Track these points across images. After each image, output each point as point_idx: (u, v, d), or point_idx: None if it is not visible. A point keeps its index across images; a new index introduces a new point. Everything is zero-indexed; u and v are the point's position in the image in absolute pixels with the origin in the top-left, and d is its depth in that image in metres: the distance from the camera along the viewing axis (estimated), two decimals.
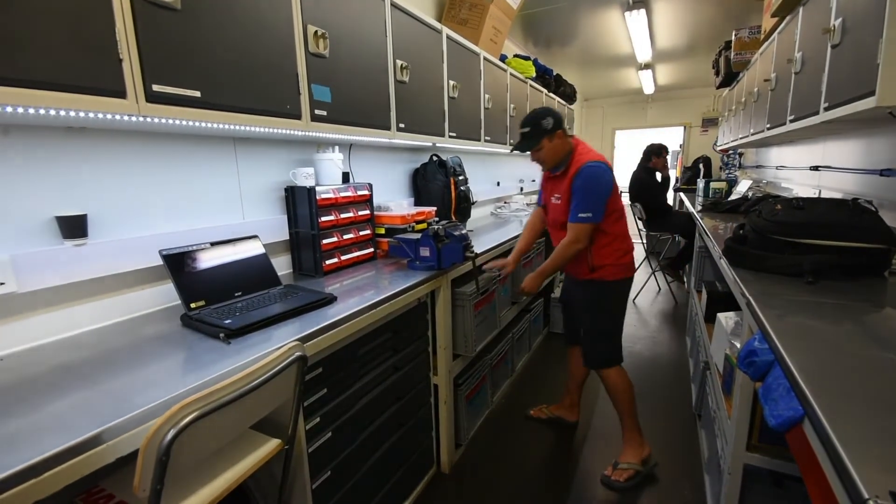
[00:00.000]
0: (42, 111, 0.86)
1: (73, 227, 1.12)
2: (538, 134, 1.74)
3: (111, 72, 0.91)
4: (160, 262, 1.22)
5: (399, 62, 1.85)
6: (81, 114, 0.92)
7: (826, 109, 1.58)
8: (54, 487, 0.64)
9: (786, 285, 1.25)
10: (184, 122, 1.12)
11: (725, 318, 1.60)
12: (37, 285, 1.07)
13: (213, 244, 1.35)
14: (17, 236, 1.05)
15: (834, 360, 0.82)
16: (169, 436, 0.67)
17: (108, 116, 0.98)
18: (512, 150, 1.94)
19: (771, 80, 2.40)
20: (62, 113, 0.90)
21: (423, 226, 2.01)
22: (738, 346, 1.41)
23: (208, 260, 1.31)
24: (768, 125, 2.46)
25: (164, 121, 1.07)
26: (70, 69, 0.86)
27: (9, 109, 0.82)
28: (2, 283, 1.00)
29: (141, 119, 1.01)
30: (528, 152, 1.82)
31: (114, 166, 1.23)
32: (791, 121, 2.00)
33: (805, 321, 1.01)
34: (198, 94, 1.07)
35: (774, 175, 3.68)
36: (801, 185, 2.93)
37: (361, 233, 1.85)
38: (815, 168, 2.58)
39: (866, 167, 1.97)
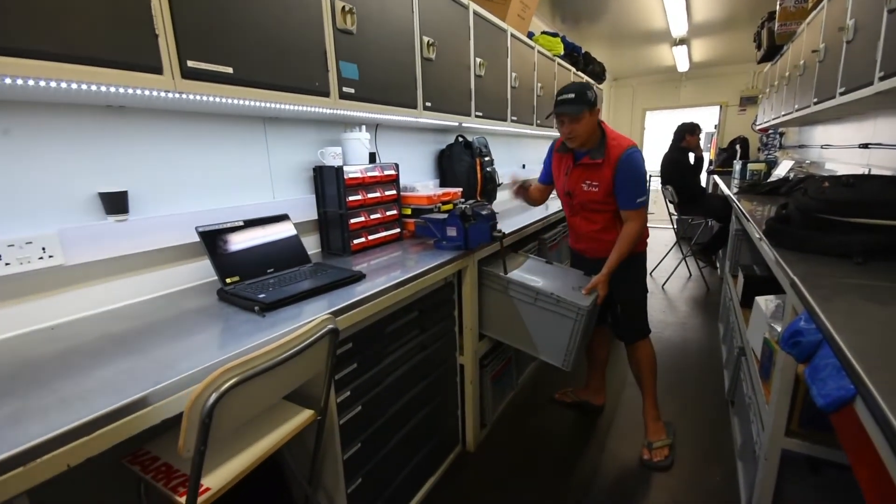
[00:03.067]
0: (84, 86, 0.88)
1: (115, 204, 1.16)
2: (582, 102, 1.66)
3: (148, 47, 0.93)
4: (196, 238, 1.25)
5: (426, 39, 1.82)
6: (121, 90, 0.95)
7: (882, 79, 1.47)
8: (105, 445, 0.67)
9: (833, 266, 1.19)
10: (216, 100, 1.13)
11: (765, 301, 1.54)
12: (83, 259, 1.11)
13: (246, 222, 1.38)
14: (63, 211, 1.09)
15: (887, 340, 0.77)
16: (211, 399, 0.69)
17: (146, 93, 1.00)
18: (548, 116, 1.85)
19: (819, 51, 2.25)
20: (102, 89, 0.92)
21: (450, 206, 2.00)
22: (779, 329, 1.36)
23: (242, 238, 1.34)
24: (815, 100, 2.31)
25: (197, 97, 1.09)
26: (109, 45, 0.88)
27: (52, 84, 0.85)
28: (50, 256, 1.05)
29: (176, 95, 1.03)
30: (559, 126, 1.74)
31: (151, 145, 1.26)
32: (841, 93, 1.87)
33: (855, 302, 0.96)
34: (230, 70, 1.08)
35: (819, 155, 3.48)
36: (847, 165, 2.76)
37: (388, 213, 1.85)
38: (865, 146, 2.43)
39: None
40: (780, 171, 3.57)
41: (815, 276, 1.10)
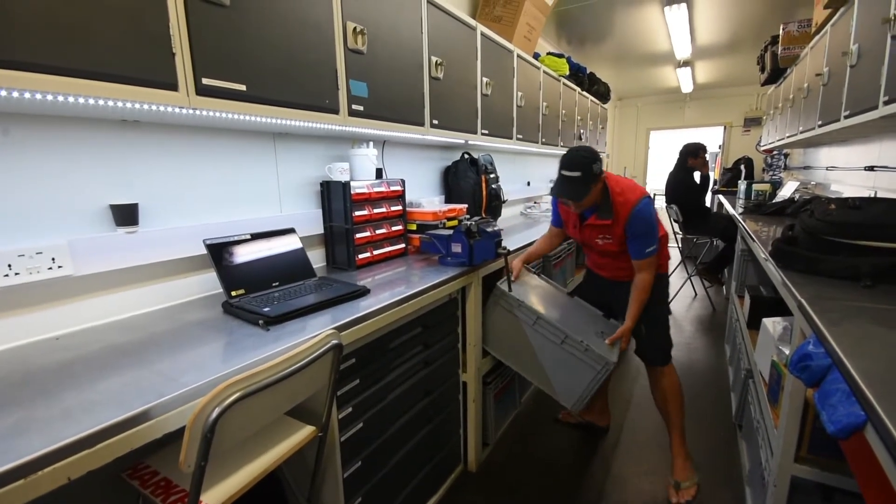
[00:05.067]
0: (101, 102, 0.91)
1: (126, 216, 1.18)
2: (588, 180, 1.57)
3: (165, 65, 0.96)
4: (203, 251, 1.26)
5: (434, 58, 1.85)
6: (137, 105, 0.97)
7: (886, 104, 1.49)
8: (107, 458, 0.67)
9: (841, 289, 1.18)
10: (229, 116, 1.16)
11: (772, 324, 1.52)
12: (91, 269, 1.12)
13: (253, 236, 1.39)
14: (75, 222, 1.11)
15: None
16: (214, 414, 0.69)
17: (161, 108, 1.02)
18: (556, 194, 1.67)
19: (823, 75, 2.27)
20: (119, 104, 0.94)
21: (455, 223, 2.01)
22: (787, 352, 1.34)
23: (248, 251, 1.35)
24: (820, 122, 2.33)
25: (211, 114, 1.11)
26: (127, 62, 0.90)
27: (70, 99, 0.87)
28: (60, 267, 1.07)
29: (190, 112, 1.05)
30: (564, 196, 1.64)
31: (163, 159, 1.28)
32: (846, 117, 1.88)
33: (864, 326, 0.95)
34: (243, 87, 1.11)
35: (824, 176, 3.48)
36: (853, 187, 2.76)
37: (394, 228, 1.86)
38: (871, 168, 2.43)
39: None
40: (785, 192, 3.57)
41: (823, 298, 1.09)
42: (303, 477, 1.18)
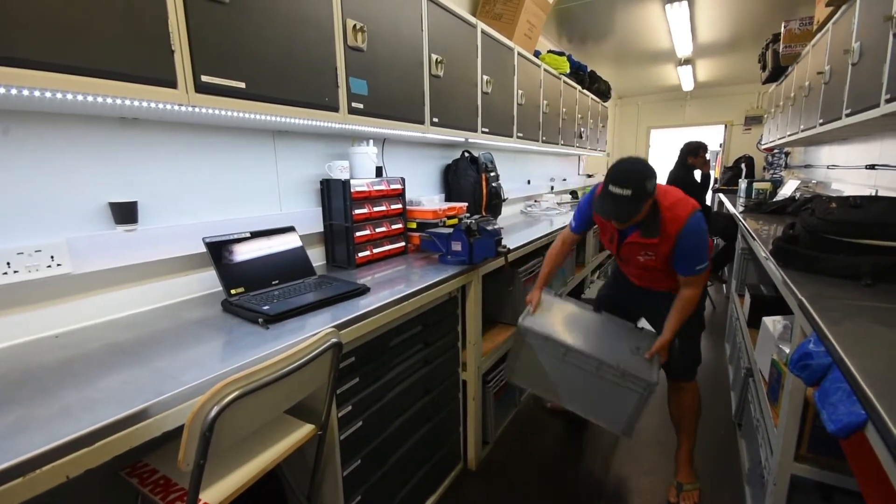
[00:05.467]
0: (100, 99, 0.90)
1: (125, 214, 1.17)
2: (641, 199, 1.38)
3: (164, 62, 0.95)
4: (203, 249, 1.26)
5: (434, 56, 1.85)
6: (136, 103, 0.97)
7: (888, 101, 1.48)
8: (105, 457, 0.67)
9: (841, 288, 1.18)
10: (228, 113, 1.15)
11: (773, 322, 1.52)
12: (90, 267, 1.12)
13: (252, 234, 1.39)
14: (74, 220, 1.11)
15: None
16: (213, 412, 0.69)
17: (160, 106, 1.01)
18: (603, 214, 1.48)
19: (825, 73, 2.26)
20: (118, 101, 0.94)
21: (455, 221, 2.01)
22: (787, 351, 1.34)
23: (248, 249, 1.35)
24: (821, 120, 2.32)
25: (210, 111, 1.11)
26: (126, 60, 0.90)
27: (69, 97, 0.87)
28: (59, 265, 1.06)
29: (190, 109, 1.05)
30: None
31: (162, 157, 1.28)
32: (847, 115, 1.88)
33: (865, 324, 0.94)
34: (243, 85, 1.10)
35: (825, 175, 3.47)
36: (854, 185, 2.75)
37: (393, 226, 1.86)
38: (872, 167, 2.42)
39: None
40: (786, 190, 3.56)
41: (823, 297, 1.09)
42: (302, 475, 1.18)
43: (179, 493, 0.85)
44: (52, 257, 1.05)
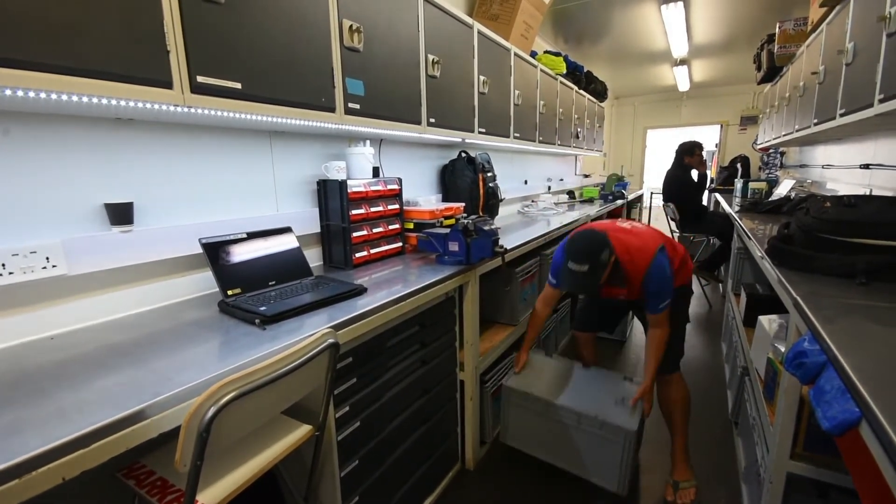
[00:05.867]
0: (95, 100, 0.90)
1: (121, 214, 1.17)
2: (598, 270, 1.51)
3: (159, 63, 0.95)
4: (199, 250, 1.26)
5: (431, 57, 1.85)
6: (131, 103, 0.96)
7: (882, 101, 1.49)
8: (102, 458, 0.67)
9: (836, 287, 1.19)
10: (224, 114, 1.15)
11: (768, 321, 1.53)
12: (85, 269, 1.12)
13: (249, 235, 1.38)
14: (69, 222, 1.10)
15: (892, 363, 0.77)
16: (210, 413, 0.69)
17: (156, 107, 1.01)
18: (565, 289, 1.70)
19: (819, 73, 2.28)
20: (113, 102, 0.94)
21: (452, 221, 2.01)
22: (783, 349, 1.34)
23: (245, 250, 1.35)
24: (815, 120, 2.33)
25: (206, 112, 1.10)
26: (121, 60, 0.90)
27: (64, 97, 0.86)
28: (54, 266, 1.06)
29: (185, 110, 1.05)
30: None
31: (158, 157, 1.28)
32: (841, 115, 1.89)
33: (859, 323, 0.95)
34: (239, 85, 1.10)
35: (820, 175, 3.50)
36: (849, 185, 2.77)
37: (390, 227, 1.86)
38: (866, 166, 2.44)
39: None
40: (782, 190, 3.58)
41: (818, 296, 1.10)
42: (300, 476, 1.18)
43: (176, 495, 0.85)
44: (47, 258, 1.04)
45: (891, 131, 2.20)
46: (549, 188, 4.45)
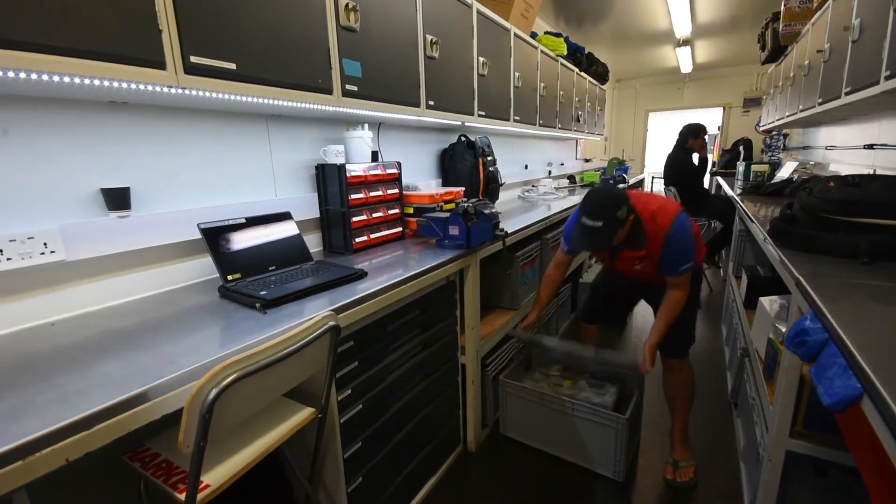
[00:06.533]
0: (87, 81, 0.88)
1: (117, 200, 1.16)
2: (613, 227, 1.42)
3: (151, 42, 0.93)
4: (198, 235, 1.25)
5: (429, 37, 1.81)
6: (124, 85, 0.95)
7: (888, 78, 1.47)
8: (104, 440, 0.67)
9: (838, 266, 1.18)
10: (220, 96, 1.13)
11: (769, 302, 1.53)
12: (84, 254, 1.11)
13: (248, 220, 1.37)
14: (66, 207, 1.09)
15: (894, 340, 0.76)
16: (212, 394, 0.69)
17: (149, 88, 0.99)
18: (576, 247, 1.61)
19: (824, 51, 2.24)
20: (105, 83, 0.92)
21: (452, 206, 1.99)
22: (784, 329, 1.34)
23: (244, 234, 1.34)
24: (820, 100, 2.30)
25: (201, 94, 1.09)
26: (112, 39, 0.87)
27: (55, 78, 0.85)
28: (52, 252, 1.05)
29: (180, 91, 1.03)
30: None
31: (155, 142, 1.26)
32: (847, 93, 1.86)
33: (861, 302, 0.95)
34: (233, 66, 1.08)
35: (823, 156, 3.46)
36: (852, 166, 2.74)
37: (390, 211, 1.85)
38: (870, 147, 2.41)
39: None
40: (784, 172, 3.55)
41: (820, 275, 1.09)
42: (304, 457, 1.19)
43: (181, 476, 0.85)
44: (45, 244, 1.04)
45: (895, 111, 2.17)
46: (550, 173, 4.42)
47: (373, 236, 1.77)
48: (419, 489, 1.64)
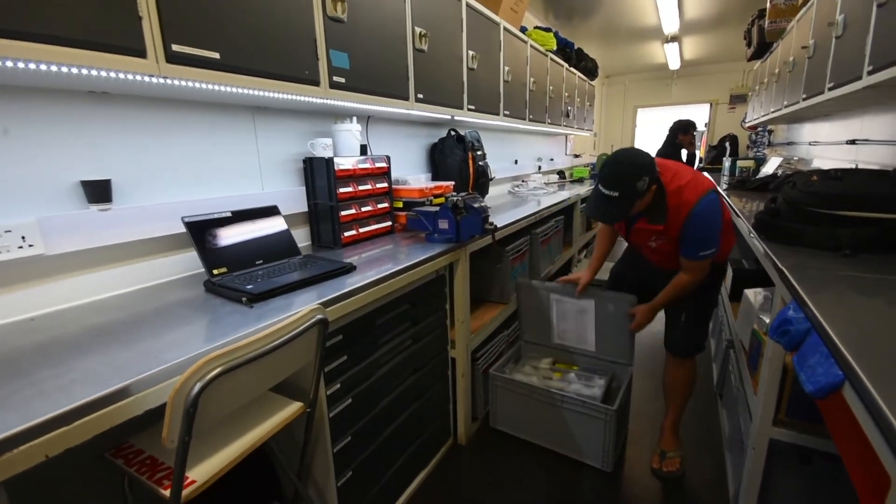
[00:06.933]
0: (64, 69, 0.86)
1: (98, 192, 1.13)
2: (630, 199, 1.32)
3: (131, 30, 0.90)
4: (183, 229, 1.23)
5: (418, 30, 1.80)
6: (103, 74, 0.92)
7: (870, 73, 1.49)
8: (85, 436, 0.66)
9: (822, 259, 1.20)
10: (204, 86, 1.11)
11: (754, 294, 1.55)
12: (64, 248, 1.08)
13: (234, 213, 1.35)
14: (45, 200, 1.07)
15: (874, 328, 0.78)
16: (196, 388, 0.68)
17: (129, 77, 0.97)
18: (591, 215, 1.44)
19: (809, 48, 2.27)
20: (84, 72, 0.89)
21: (441, 200, 1.99)
22: (767, 321, 1.37)
23: (230, 228, 1.32)
24: (804, 95, 2.33)
25: (184, 84, 1.06)
26: (90, 26, 0.85)
27: (31, 66, 0.82)
28: (31, 245, 1.02)
29: (161, 81, 1.00)
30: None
31: (138, 134, 1.23)
32: (830, 88, 1.89)
33: (843, 292, 0.97)
34: (217, 55, 1.06)
35: (807, 152, 3.52)
36: (835, 161, 2.79)
37: (379, 205, 1.84)
38: (853, 142, 2.45)
39: None
40: (769, 168, 3.60)
41: (803, 267, 1.11)
42: (292, 452, 1.18)
43: (166, 472, 0.84)
44: (23, 238, 1.01)
45: (878, 106, 2.21)
46: (540, 168, 4.43)
47: (362, 230, 1.76)
48: (410, 482, 1.64)
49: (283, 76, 1.24)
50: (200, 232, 1.25)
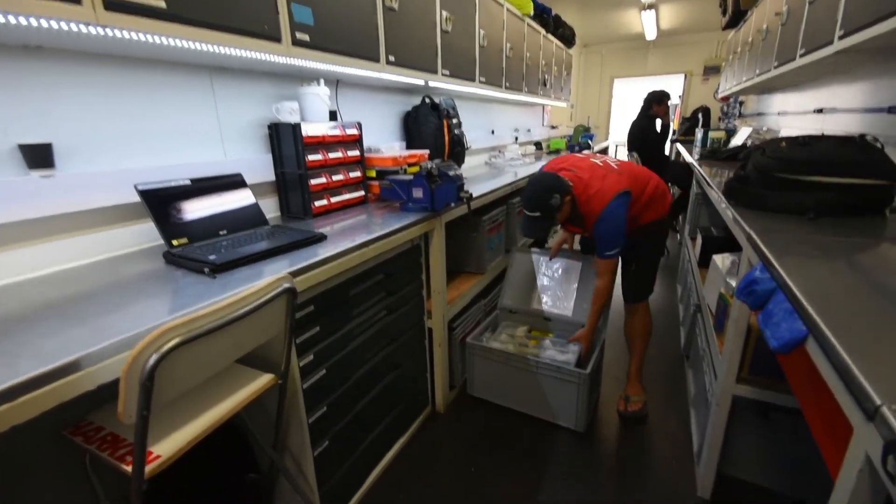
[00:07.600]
0: None
1: (39, 157, 1.04)
2: (550, 215, 1.62)
3: None
4: (138, 198, 1.15)
5: None
6: (34, 22, 0.82)
7: (841, 38, 1.50)
8: (31, 413, 0.61)
9: (787, 222, 1.23)
10: (150, 38, 1.01)
11: (721, 259, 1.59)
12: (2, 218, 1.00)
13: (193, 181, 1.28)
14: None
15: (835, 286, 0.80)
16: (151, 360, 0.64)
17: (64, 27, 0.87)
18: (526, 235, 1.85)
19: (782, 14, 2.27)
20: (11, 20, 0.79)
21: (416, 168, 1.94)
22: (734, 284, 1.40)
23: (189, 197, 1.25)
24: (776, 63, 2.35)
25: (126, 35, 0.97)
26: None
27: None
28: None
29: (100, 31, 0.91)
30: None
31: (81, 93, 1.13)
32: (802, 55, 1.90)
33: (808, 253, 0.99)
34: (162, 4, 0.96)
35: (776, 122, 3.59)
36: (802, 130, 2.85)
37: (351, 174, 1.77)
38: (820, 111, 2.51)
39: (873, 106, 1.90)
40: (739, 138, 3.67)
41: (770, 231, 1.13)
42: (266, 425, 1.16)
43: (129, 448, 0.81)
44: None
45: (844, 76, 2.25)
46: (517, 139, 4.38)
47: (333, 200, 1.70)
48: (388, 449, 1.65)
49: (239, 30, 1.15)
50: (157, 201, 1.17)
